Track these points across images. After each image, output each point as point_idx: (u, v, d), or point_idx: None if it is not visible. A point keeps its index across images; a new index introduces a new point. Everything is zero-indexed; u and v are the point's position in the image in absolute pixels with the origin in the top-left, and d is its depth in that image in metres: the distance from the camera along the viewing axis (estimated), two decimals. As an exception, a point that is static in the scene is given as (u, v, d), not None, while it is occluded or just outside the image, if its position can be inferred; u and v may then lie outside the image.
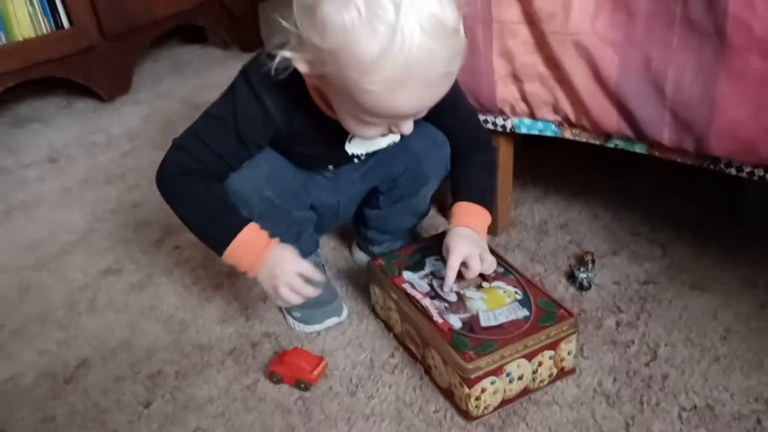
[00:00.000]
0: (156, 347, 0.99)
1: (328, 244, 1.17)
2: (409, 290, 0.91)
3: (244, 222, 0.83)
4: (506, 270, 0.93)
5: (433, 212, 1.13)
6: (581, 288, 1.01)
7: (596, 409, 0.83)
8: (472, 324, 0.84)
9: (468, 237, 0.89)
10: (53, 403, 0.91)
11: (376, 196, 1.01)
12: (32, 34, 1.65)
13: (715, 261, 1.04)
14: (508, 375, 0.81)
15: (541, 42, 0.91)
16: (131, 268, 1.17)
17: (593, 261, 1.04)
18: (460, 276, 0.89)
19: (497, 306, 0.86)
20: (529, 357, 0.82)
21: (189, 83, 1.95)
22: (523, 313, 0.85)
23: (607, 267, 1.06)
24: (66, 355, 0.99)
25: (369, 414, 0.85)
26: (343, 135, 0.87)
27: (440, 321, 0.85)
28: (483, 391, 0.80)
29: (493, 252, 0.91)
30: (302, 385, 0.88)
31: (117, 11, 1.78)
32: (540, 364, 0.83)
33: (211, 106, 0.85)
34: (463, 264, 0.87)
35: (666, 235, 1.11)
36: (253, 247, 0.83)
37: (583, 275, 1.01)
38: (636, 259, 1.07)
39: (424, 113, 0.78)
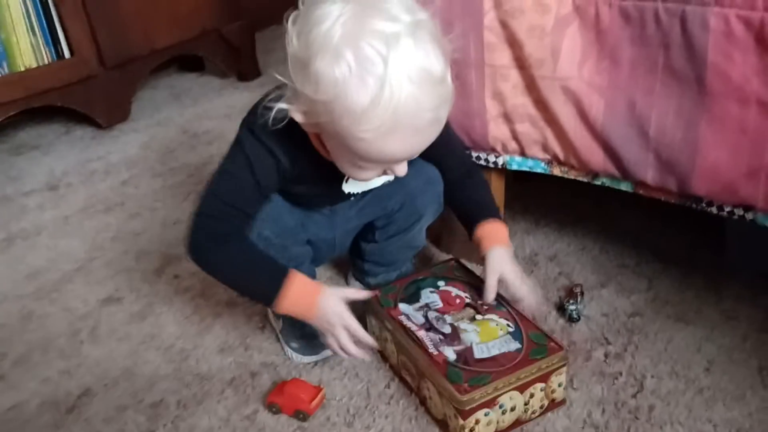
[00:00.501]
0: (157, 376, 1.01)
1: (324, 274, 1.20)
2: (405, 322, 0.93)
3: (284, 274, 0.85)
4: (498, 303, 0.96)
5: (426, 243, 1.17)
6: (571, 320, 1.05)
7: (585, 440, 0.86)
8: (466, 356, 0.87)
9: (509, 256, 0.96)
10: (56, 432, 0.93)
11: (372, 231, 1.04)
12: (34, 64, 1.69)
13: (698, 294, 1.08)
14: (501, 407, 0.84)
15: (530, 85, 0.96)
16: (132, 297, 1.19)
17: (582, 293, 1.08)
18: (452, 307, 0.93)
19: (490, 338, 0.89)
20: (521, 389, 0.85)
21: (187, 111, 1.99)
22: (515, 345, 0.88)
23: (596, 299, 1.09)
24: (68, 384, 1.01)
25: (366, 444, 0.88)
26: (341, 176, 0.91)
27: (435, 353, 0.88)
28: (477, 422, 0.83)
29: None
30: (300, 416, 0.91)
31: (117, 41, 1.82)
32: (531, 395, 0.86)
33: (223, 166, 0.87)
34: (500, 283, 0.95)
35: (651, 267, 1.15)
36: (302, 300, 0.86)
37: (572, 307, 1.05)
38: (623, 291, 1.11)
39: (416, 155, 0.81)
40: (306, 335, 1.02)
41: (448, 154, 0.98)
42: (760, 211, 0.86)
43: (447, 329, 0.92)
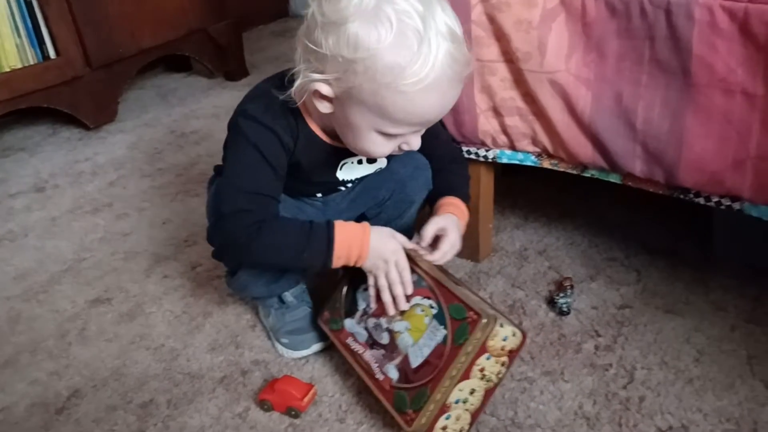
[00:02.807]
0: (147, 376, 1.01)
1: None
2: (353, 345, 0.92)
3: (329, 229, 0.84)
4: (419, 276, 0.88)
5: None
6: (561, 313, 1.05)
7: None
8: (405, 370, 0.84)
9: (459, 225, 0.94)
10: (45, 434, 0.93)
11: (364, 220, 1.04)
12: (19, 65, 1.67)
13: (687, 285, 1.09)
14: (456, 402, 0.81)
15: (518, 79, 0.96)
16: (121, 298, 1.19)
17: (572, 286, 1.08)
18: (382, 312, 0.89)
19: (420, 332, 0.85)
20: (465, 376, 0.80)
21: (175, 112, 1.98)
22: (441, 333, 0.82)
23: (585, 292, 1.10)
24: (57, 386, 1.00)
25: (358, 439, 0.88)
26: (336, 162, 0.92)
27: (382, 378, 0.86)
28: (444, 428, 0.82)
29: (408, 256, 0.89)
30: (293, 412, 0.90)
31: (103, 42, 1.81)
32: (482, 369, 0.81)
33: (231, 159, 0.86)
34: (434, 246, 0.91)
35: (640, 260, 1.16)
36: (355, 242, 0.85)
37: (562, 301, 1.05)
38: (612, 284, 1.11)
39: (443, 115, 0.82)
40: (296, 330, 1.02)
41: (436, 144, 0.99)
42: (747, 200, 0.87)
43: (385, 338, 0.88)
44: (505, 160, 1.06)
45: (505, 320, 0.82)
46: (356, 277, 0.94)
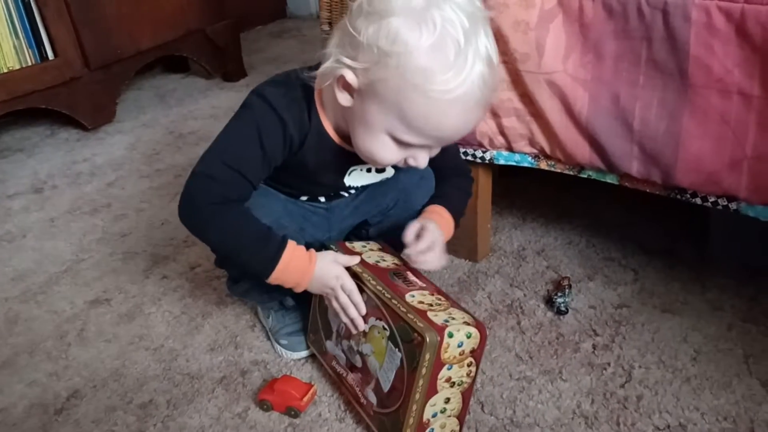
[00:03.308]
0: (146, 377, 1.01)
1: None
2: (337, 368, 0.93)
3: (283, 245, 0.84)
4: (369, 295, 0.84)
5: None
6: (559, 312, 1.06)
7: (576, 431, 0.86)
8: (380, 395, 0.84)
9: (441, 233, 0.90)
10: (44, 434, 0.93)
11: (365, 227, 1.04)
12: (17, 66, 1.67)
13: (684, 285, 1.10)
14: (434, 415, 0.80)
15: (516, 80, 0.97)
16: (120, 298, 1.19)
17: (570, 286, 1.09)
18: (350, 333, 0.88)
19: (382, 356, 0.83)
20: (431, 393, 0.78)
21: (173, 112, 1.98)
22: (398, 356, 0.80)
23: (583, 291, 1.10)
24: (56, 387, 1.00)
25: (357, 439, 0.88)
26: (345, 167, 0.91)
27: (365, 402, 0.87)
28: None
29: (352, 273, 0.87)
30: (292, 412, 0.91)
31: (101, 43, 1.81)
32: (448, 379, 0.79)
33: (228, 129, 0.85)
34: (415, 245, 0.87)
35: (637, 260, 1.16)
36: (299, 267, 0.85)
37: (560, 300, 1.06)
38: (610, 283, 1.12)
39: (460, 137, 0.80)
40: (295, 332, 1.02)
41: (444, 155, 0.95)
42: (744, 200, 0.87)
43: (359, 361, 0.88)
44: (502, 162, 1.06)
45: (456, 324, 0.77)
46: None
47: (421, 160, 0.81)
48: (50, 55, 1.73)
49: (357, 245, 0.93)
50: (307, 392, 0.92)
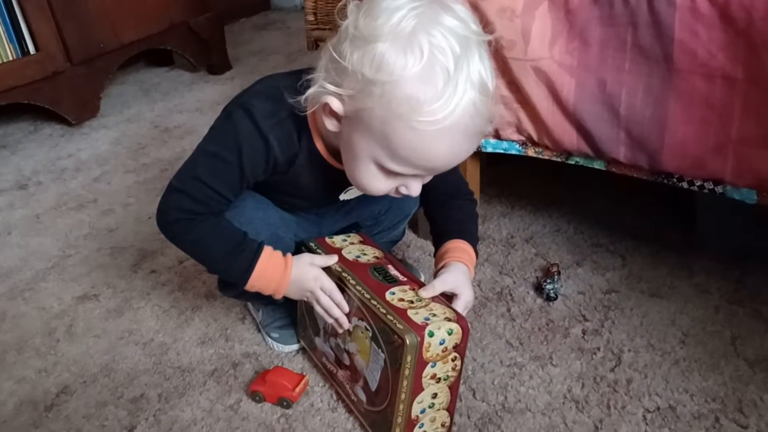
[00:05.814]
0: (137, 371, 1.00)
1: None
2: (328, 365, 0.93)
3: (258, 252, 0.83)
4: (350, 295, 0.84)
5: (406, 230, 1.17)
6: (548, 299, 1.06)
7: (567, 415, 0.87)
8: (368, 393, 0.84)
9: (469, 278, 0.88)
10: (35, 431, 0.92)
11: (357, 228, 1.03)
12: (-2, 61, 1.65)
13: (671, 269, 1.11)
14: (423, 411, 0.80)
15: (503, 67, 0.97)
16: (108, 294, 1.18)
17: (559, 272, 1.09)
18: (334, 332, 0.88)
19: (367, 355, 0.82)
20: (417, 391, 0.78)
21: (157, 106, 1.96)
22: (381, 357, 0.80)
23: (572, 278, 1.11)
24: (46, 383, 1.00)
25: (351, 429, 0.88)
26: (341, 185, 0.88)
27: (356, 399, 0.87)
28: None
29: (332, 273, 0.86)
30: (284, 403, 0.91)
31: (83, 37, 1.79)
32: (433, 375, 0.78)
33: (207, 142, 0.83)
34: (448, 295, 0.85)
35: (625, 246, 1.17)
36: (275, 273, 0.84)
37: (549, 286, 1.06)
38: (598, 269, 1.13)
39: (450, 167, 0.76)
40: (286, 326, 1.02)
41: (445, 174, 0.89)
42: (729, 183, 0.88)
43: (347, 359, 0.87)
44: (489, 149, 1.07)
45: (437, 321, 0.76)
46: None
47: (413, 189, 0.78)
48: (32, 49, 1.70)
49: (337, 239, 0.93)
50: (299, 383, 0.92)
